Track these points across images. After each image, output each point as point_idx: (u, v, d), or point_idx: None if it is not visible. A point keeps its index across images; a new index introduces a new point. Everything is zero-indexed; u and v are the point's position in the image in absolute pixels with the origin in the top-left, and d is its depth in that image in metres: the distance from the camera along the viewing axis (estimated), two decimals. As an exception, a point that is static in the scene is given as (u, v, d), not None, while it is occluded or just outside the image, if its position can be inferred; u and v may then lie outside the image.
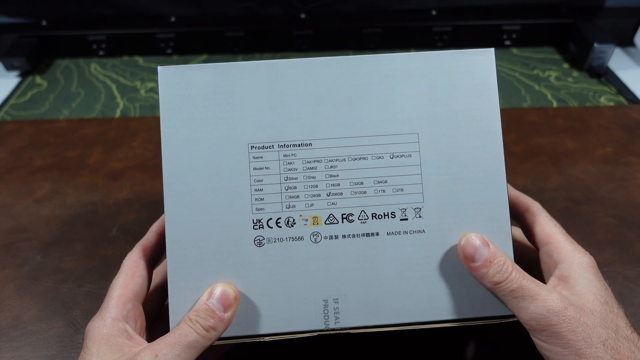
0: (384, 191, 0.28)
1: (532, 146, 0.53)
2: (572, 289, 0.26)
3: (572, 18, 0.70)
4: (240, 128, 0.28)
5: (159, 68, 0.29)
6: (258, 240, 0.28)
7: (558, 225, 0.30)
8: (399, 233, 0.28)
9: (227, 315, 0.26)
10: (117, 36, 0.72)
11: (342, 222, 0.28)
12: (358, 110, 0.29)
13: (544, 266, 0.29)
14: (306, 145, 0.29)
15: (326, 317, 0.28)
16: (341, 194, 0.28)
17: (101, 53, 0.73)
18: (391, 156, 0.29)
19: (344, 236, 0.28)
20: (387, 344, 0.35)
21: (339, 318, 0.28)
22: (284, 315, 0.28)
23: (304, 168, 0.28)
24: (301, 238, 0.28)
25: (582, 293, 0.26)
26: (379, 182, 0.28)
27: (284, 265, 0.28)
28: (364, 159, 0.29)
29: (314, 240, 0.28)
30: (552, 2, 0.71)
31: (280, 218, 0.28)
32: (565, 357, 0.24)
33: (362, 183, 0.28)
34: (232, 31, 0.71)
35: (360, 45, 0.73)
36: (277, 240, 0.28)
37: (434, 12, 0.71)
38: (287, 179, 0.28)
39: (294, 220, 0.28)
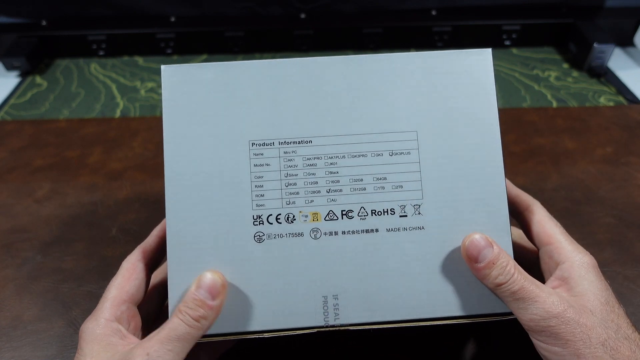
0: (383, 188, 0.29)
1: (532, 146, 0.53)
2: (572, 290, 0.26)
3: (572, 18, 0.70)
4: (241, 125, 0.29)
5: (163, 67, 0.29)
6: (258, 236, 0.28)
7: (558, 224, 0.30)
8: (398, 229, 0.28)
9: (215, 302, 0.26)
10: (117, 36, 0.72)
11: (342, 218, 0.28)
12: (358, 108, 0.29)
13: (545, 266, 0.29)
14: (306, 142, 0.29)
15: (326, 314, 0.28)
16: (341, 190, 0.28)
17: (101, 53, 0.73)
18: (390, 153, 0.29)
19: (343, 232, 0.28)
20: (386, 338, 0.34)
21: (338, 314, 0.28)
22: (284, 312, 0.28)
23: (304, 165, 0.29)
24: (301, 234, 0.28)
25: (582, 293, 0.26)
26: (378, 179, 0.29)
27: (283, 262, 0.28)
28: (364, 156, 0.29)
29: (313, 237, 0.28)
30: (552, 2, 0.71)
31: (280, 214, 0.28)
32: (564, 358, 0.24)
33: (361, 180, 0.28)
34: (232, 31, 0.71)
35: (360, 45, 0.73)
36: (277, 236, 0.28)
37: (433, 12, 0.71)
38: (287, 175, 0.28)
39: (293, 216, 0.28)
